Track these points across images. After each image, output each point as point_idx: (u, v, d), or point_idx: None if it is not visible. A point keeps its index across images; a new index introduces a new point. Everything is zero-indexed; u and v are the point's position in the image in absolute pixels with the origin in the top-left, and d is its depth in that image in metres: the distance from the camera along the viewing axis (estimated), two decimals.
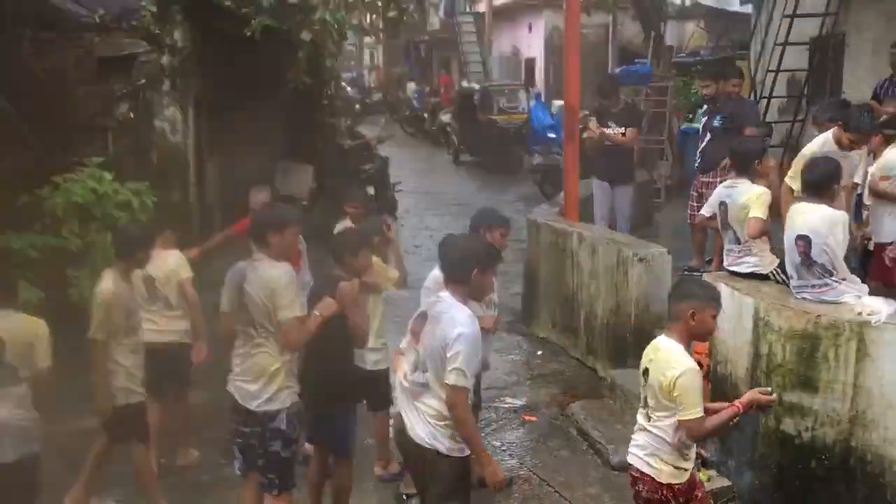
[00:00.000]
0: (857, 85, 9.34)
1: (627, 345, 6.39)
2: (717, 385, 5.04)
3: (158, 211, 7.62)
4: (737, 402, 3.51)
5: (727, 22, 15.85)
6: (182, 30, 8.88)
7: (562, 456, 5.58)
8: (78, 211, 7.29)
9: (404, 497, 4.98)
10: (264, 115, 12.43)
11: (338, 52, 12.68)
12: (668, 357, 3.45)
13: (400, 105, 30.52)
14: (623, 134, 8.08)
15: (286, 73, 10.61)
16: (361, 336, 4.38)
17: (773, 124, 10.52)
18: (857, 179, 5.98)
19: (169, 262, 5.20)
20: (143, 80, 8.51)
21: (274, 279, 3.95)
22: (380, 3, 10.59)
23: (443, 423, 3.54)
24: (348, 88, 32.55)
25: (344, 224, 5.64)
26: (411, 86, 31.62)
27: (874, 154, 5.81)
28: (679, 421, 3.39)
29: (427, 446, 3.58)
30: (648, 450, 3.52)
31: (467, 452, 3.60)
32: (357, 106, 27.95)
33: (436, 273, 4.30)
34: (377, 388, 5.15)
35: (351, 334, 4.30)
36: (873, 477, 4.25)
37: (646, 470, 3.52)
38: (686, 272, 7.42)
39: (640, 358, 6.19)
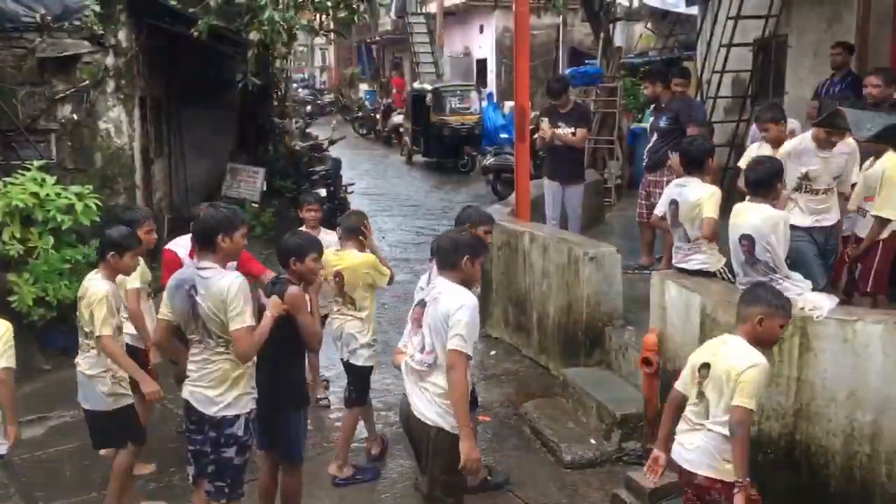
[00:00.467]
0: (800, 85, 9.57)
1: (579, 343, 6.44)
2: (666, 382, 5.10)
3: (103, 214, 7.49)
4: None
5: (674, 23, 16.13)
6: (126, 30, 8.71)
7: (515, 455, 5.60)
8: (19, 215, 7.13)
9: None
10: (214, 117, 12.30)
11: (288, 53, 12.59)
12: (738, 350, 3.47)
13: (352, 106, 30.41)
14: (573, 134, 8.15)
15: (235, 73, 10.48)
16: (313, 340, 4.35)
17: (720, 124, 10.73)
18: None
19: (89, 278, 5.05)
20: (87, 81, 8.35)
21: (223, 290, 3.84)
22: (330, 4, 10.51)
23: (448, 401, 3.66)
24: (300, 89, 32.42)
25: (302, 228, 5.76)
26: (363, 87, 31.51)
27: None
28: (734, 405, 3.36)
29: (432, 425, 3.70)
30: (711, 451, 3.45)
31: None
32: (308, 107, 27.82)
33: (424, 277, 4.63)
34: (359, 384, 5.28)
35: (301, 338, 4.27)
36: (817, 469, 4.34)
37: (714, 475, 3.44)
38: (636, 270, 7.55)
39: (591, 356, 6.36)
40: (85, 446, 5.05)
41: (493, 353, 7.46)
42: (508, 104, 18.02)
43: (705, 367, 3.54)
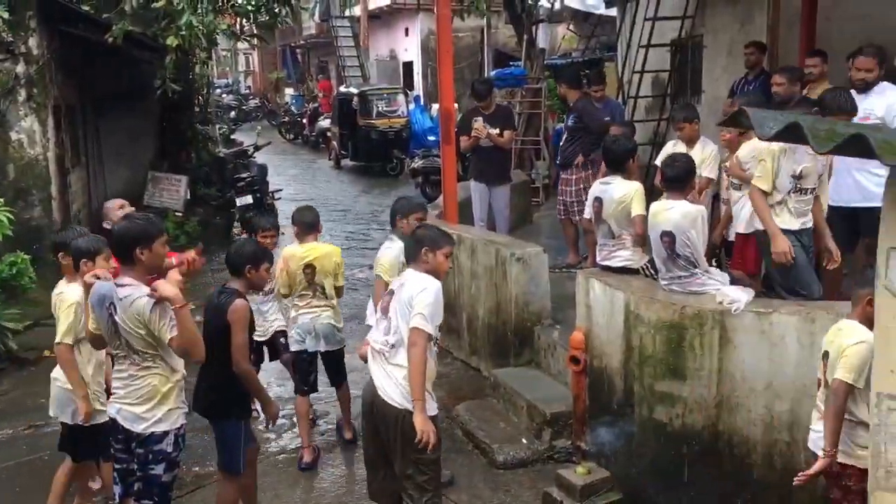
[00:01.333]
0: (716, 84, 9.84)
1: (508, 343, 6.48)
2: (593, 379, 5.18)
3: (16, 227, 7.22)
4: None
5: (596, 25, 16.40)
6: (38, 37, 8.42)
7: (449, 458, 5.55)
8: None
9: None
10: (133, 124, 12.00)
11: (208, 58, 12.36)
12: (852, 330, 3.51)
13: (278, 111, 30.02)
14: (500, 135, 8.23)
15: (154, 80, 10.23)
16: (236, 353, 4.25)
17: (642, 123, 10.95)
18: (712, 175, 6.30)
19: (59, 286, 4.87)
20: None
21: (140, 310, 3.72)
22: (250, 8, 10.35)
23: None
24: (223, 95, 31.86)
25: None
26: (289, 91, 31.16)
27: (729, 149, 6.10)
28: (834, 377, 3.42)
29: (400, 407, 3.83)
30: (843, 437, 3.47)
31: (436, 412, 3.91)
32: (233, 112, 27.36)
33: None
34: (341, 367, 5.77)
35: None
36: (739, 458, 4.46)
37: (847, 461, 3.48)
38: (563, 269, 7.64)
39: (521, 356, 6.40)
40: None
41: None
42: (436, 106, 18.04)
43: (825, 355, 3.63)
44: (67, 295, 4.46)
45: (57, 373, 4.58)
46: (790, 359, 4.27)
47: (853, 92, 5.40)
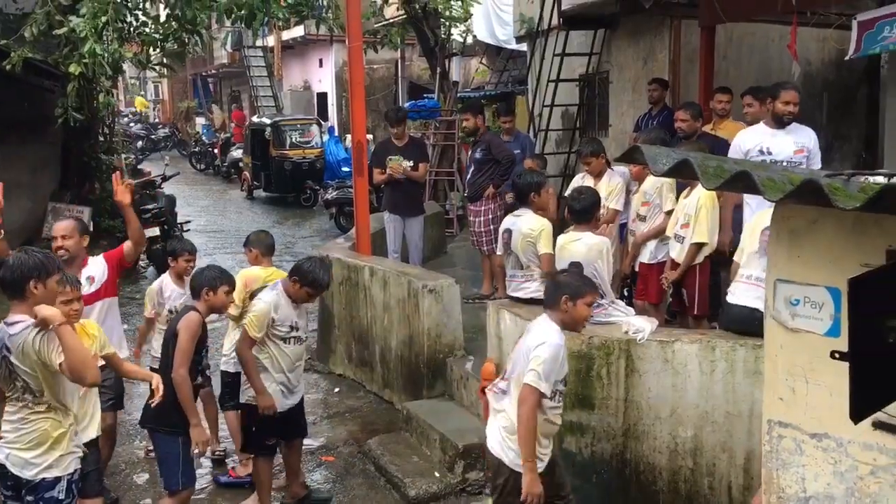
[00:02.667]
0: (622, 118, 10.15)
1: (421, 375, 6.46)
2: None
3: None
4: None
5: (507, 59, 16.73)
6: None
7: (360, 494, 5.51)
8: None
9: None
10: (33, 154, 11.56)
11: (113, 87, 12.03)
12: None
13: (189, 140, 29.44)
14: (414, 168, 8.29)
15: (55, 108, 9.90)
16: (177, 356, 4.30)
17: (553, 155, 11.19)
18: (619, 206, 6.48)
19: None
20: None
21: (31, 339, 3.55)
22: (158, 37, 10.15)
23: (512, 436, 3.76)
24: (131, 124, 31.07)
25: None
26: (200, 120, 30.62)
27: (638, 181, 6.30)
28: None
29: (494, 455, 3.87)
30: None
31: (542, 468, 3.84)
32: (140, 142, 26.69)
33: None
34: None
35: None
36: (646, 485, 4.54)
37: None
38: (475, 300, 7.69)
39: (434, 388, 6.39)
40: None
41: (336, 390, 7.35)
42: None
43: None
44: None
45: None
46: (692, 386, 4.39)
47: (770, 127, 5.59)
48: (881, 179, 2.21)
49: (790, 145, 5.56)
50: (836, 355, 2.09)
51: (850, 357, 1.98)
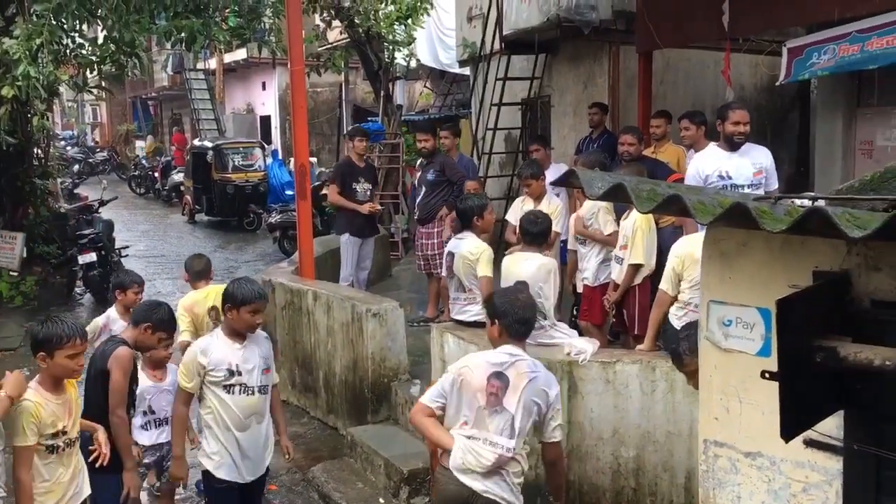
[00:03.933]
0: (564, 141, 10.29)
1: (366, 400, 6.40)
2: None
3: None
4: None
5: (451, 83, 16.86)
6: None
7: None
8: None
9: None
10: None
11: (48, 110, 11.76)
12: None
13: (128, 164, 28.92)
14: (373, 191, 8.60)
15: None
16: (113, 398, 4.11)
17: (497, 178, 11.30)
18: (559, 228, 6.53)
19: None
20: None
21: None
22: (94, 59, 9.96)
23: (519, 480, 3.64)
24: (68, 147, 30.38)
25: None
26: (140, 144, 30.09)
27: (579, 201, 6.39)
28: None
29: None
30: None
31: None
32: (77, 166, 26.11)
33: None
34: None
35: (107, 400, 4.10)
36: None
37: None
38: (420, 323, 7.67)
39: (378, 413, 6.33)
40: None
41: None
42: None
43: None
44: None
45: None
46: (633, 406, 4.44)
47: (723, 150, 5.63)
48: (807, 202, 2.27)
49: (748, 168, 5.54)
50: (766, 375, 2.13)
51: (780, 377, 2.02)
